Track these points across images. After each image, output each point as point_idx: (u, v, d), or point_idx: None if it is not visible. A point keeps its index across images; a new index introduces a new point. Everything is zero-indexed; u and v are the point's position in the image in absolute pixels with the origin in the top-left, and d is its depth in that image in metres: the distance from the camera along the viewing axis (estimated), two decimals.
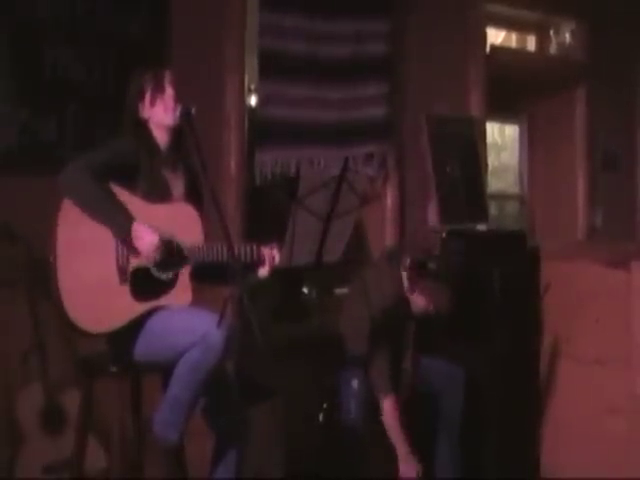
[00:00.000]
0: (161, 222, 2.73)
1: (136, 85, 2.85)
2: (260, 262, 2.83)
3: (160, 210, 2.76)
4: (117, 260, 2.70)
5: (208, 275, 2.80)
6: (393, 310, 3.60)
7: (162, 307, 2.73)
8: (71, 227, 2.67)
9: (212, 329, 2.58)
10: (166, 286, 2.74)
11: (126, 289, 2.69)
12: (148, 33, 3.81)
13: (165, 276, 2.74)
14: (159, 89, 2.82)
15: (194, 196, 2.91)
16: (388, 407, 3.51)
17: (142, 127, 2.83)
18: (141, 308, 2.70)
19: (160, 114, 2.82)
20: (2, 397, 3.35)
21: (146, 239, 2.66)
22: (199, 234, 2.78)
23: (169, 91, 2.82)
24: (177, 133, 2.87)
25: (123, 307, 2.69)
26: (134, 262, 2.72)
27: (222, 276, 2.72)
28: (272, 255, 2.83)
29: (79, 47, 3.63)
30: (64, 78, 3.59)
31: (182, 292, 2.74)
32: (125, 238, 2.67)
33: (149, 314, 2.71)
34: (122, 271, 2.69)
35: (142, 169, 2.77)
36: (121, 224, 2.66)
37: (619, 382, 4.02)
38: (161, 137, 2.86)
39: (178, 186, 2.88)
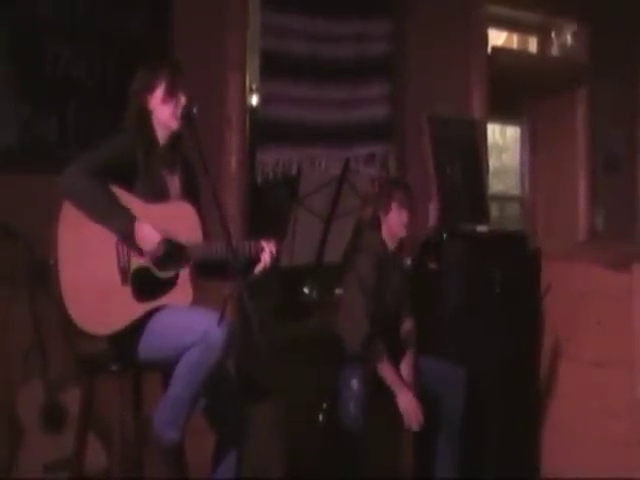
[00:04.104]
0: (160, 221, 2.72)
1: (149, 75, 2.83)
2: (257, 258, 2.83)
3: (159, 209, 2.76)
4: (118, 261, 2.69)
5: (209, 270, 2.80)
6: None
7: (163, 306, 2.73)
8: (72, 229, 2.67)
9: (212, 328, 2.58)
10: (167, 286, 2.74)
11: (128, 290, 2.69)
12: (150, 32, 3.81)
13: (166, 275, 2.74)
14: (173, 91, 2.80)
15: (190, 196, 2.90)
16: (383, 367, 3.58)
17: (145, 117, 2.82)
18: (143, 309, 2.70)
19: (167, 116, 2.81)
20: (3, 395, 3.35)
21: (149, 237, 2.66)
22: (198, 232, 2.79)
23: (182, 98, 2.80)
24: (176, 133, 2.87)
25: (125, 308, 2.68)
26: (135, 263, 2.72)
27: (222, 271, 2.72)
28: (270, 250, 2.82)
29: (80, 46, 3.63)
30: (65, 77, 3.60)
31: (183, 291, 2.75)
32: (127, 237, 2.67)
33: (150, 313, 2.71)
34: (123, 272, 2.69)
35: (140, 167, 2.77)
36: (123, 223, 2.66)
37: (620, 384, 4.02)
38: (161, 134, 2.85)
39: (175, 186, 2.89)
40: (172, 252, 2.72)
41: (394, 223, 3.73)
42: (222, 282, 2.79)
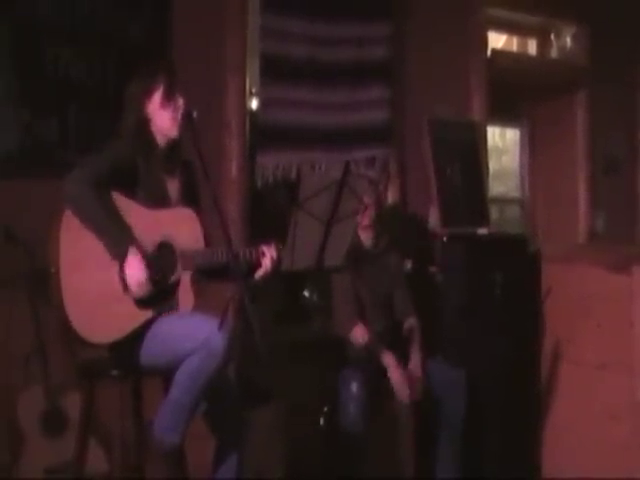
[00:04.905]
0: (161, 227, 2.73)
1: (146, 80, 2.82)
2: (258, 263, 2.82)
3: (160, 215, 2.75)
4: (120, 269, 2.68)
5: (211, 274, 2.81)
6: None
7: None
8: (73, 236, 2.65)
9: (213, 334, 2.58)
10: (169, 293, 2.73)
11: (129, 297, 2.68)
12: (150, 34, 3.81)
13: (166, 282, 2.73)
14: (171, 95, 2.79)
15: (190, 199, 2.90)
16: (388, 359, 3.60)
17: (144, 124, 2.81)
18: (144, 316, 2.70)
19: (167, 123, 2.80)
20: (3, 400, 3.35)
21: (135, 275, 2.64)
22: (200, 238, 2.79)
23: (180, 102, 2.80)
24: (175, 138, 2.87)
25: (127, 316, 2.68)
26: None
27: (224, 275, 2.72)
28: (271, 255, 2.82)
29: (80, 48, 3.63)
30: (65, 79, 3.60)
31: (184, 298, 2.74)
32: (118, 261, 2.65)
33: (151, 319, 2.71)
34: (125, 280, 2.68)
35: (140, 172, 2.76)
36: (117, 249, 2.63)
37: (620, 387, 4.02)
38: (160, 138, 2.84)
39: (175, 189, 2.88)
40: (158, 290, 2.70)
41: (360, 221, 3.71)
42: (224, 286, 2.79)
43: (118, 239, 2.64)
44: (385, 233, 3.90)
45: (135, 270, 2.63)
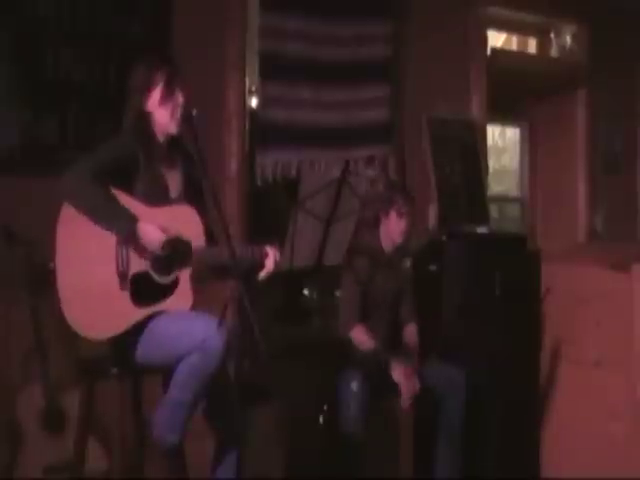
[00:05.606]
0: (161, 225, 2.71)
1: (147, 75, 2.80)
2: (261, 263, 2.82)
3: (160, 213, 2.74)
4: (117, 266, 2.68)
5: (211, 273, 2.80)
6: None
7: (163, 311, 2.72)
8: (70, 233, 2.66)
9: (211, 334, 2.57)
10: (167, 290, 2.72)
11: (126, 295, 2.68)
12: (150, 33, 3.81)
13: (165, 281, 2.73)
14: (171, 92, 2.78)
15: (192, 194, 2.88)
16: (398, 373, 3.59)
17: (144, 119, 2.80)
18: (141, 314, 2.69)
19: (165, 119, 2.80)
20: (3, 398, 3.35)
21: (153, 235, 2.65)
22: (200, 236, 2.77)
23: (180, 99, 2.79)
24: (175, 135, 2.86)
25: (123, 313, 2.68)
26: (134, 267, 2.70)
27: (225, 274, 2.72)
28: (274, 256, 2.82)
29: (80, 47, 3.63)
30: (65, 79, 3.60)
31: (182, 296, 2.73)
32: (130, 238, 2.65)
33: (150, 318, 2.70)
34: (122, 277, 2.68)
35: (141, 168, 2.75)
36: (126, 224, 2.64)
37: (619, 385, 4.02)
38: (160, 134, 2.83)
39: (176, 184, 2.87)
40: (176, 251, 2.70)
41: (392, 229, 3.78)
42: (223, 285, 2.79)
43: (124, 216, 2.64)
44: None
45: (151, 231, 2.64)
